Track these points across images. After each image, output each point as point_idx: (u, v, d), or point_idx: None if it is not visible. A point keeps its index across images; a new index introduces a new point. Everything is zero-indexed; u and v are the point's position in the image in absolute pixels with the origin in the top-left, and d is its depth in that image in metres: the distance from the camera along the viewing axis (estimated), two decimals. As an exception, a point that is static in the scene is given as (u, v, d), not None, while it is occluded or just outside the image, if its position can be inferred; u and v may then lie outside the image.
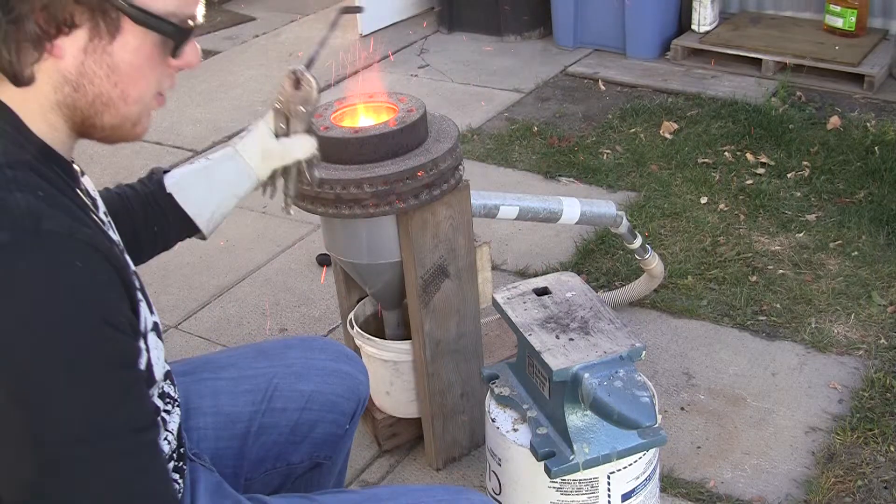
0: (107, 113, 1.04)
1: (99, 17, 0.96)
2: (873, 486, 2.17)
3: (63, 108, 1.01)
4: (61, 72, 0.99)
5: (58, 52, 0.97)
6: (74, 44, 0.97)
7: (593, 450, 1.60)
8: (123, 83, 1.02)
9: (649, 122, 4.00)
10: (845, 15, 4.34)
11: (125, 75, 1.01)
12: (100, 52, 0.99)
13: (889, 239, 3.08)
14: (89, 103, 1.02)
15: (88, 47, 0.98)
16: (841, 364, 2.57)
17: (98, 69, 1.00)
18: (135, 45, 1.00)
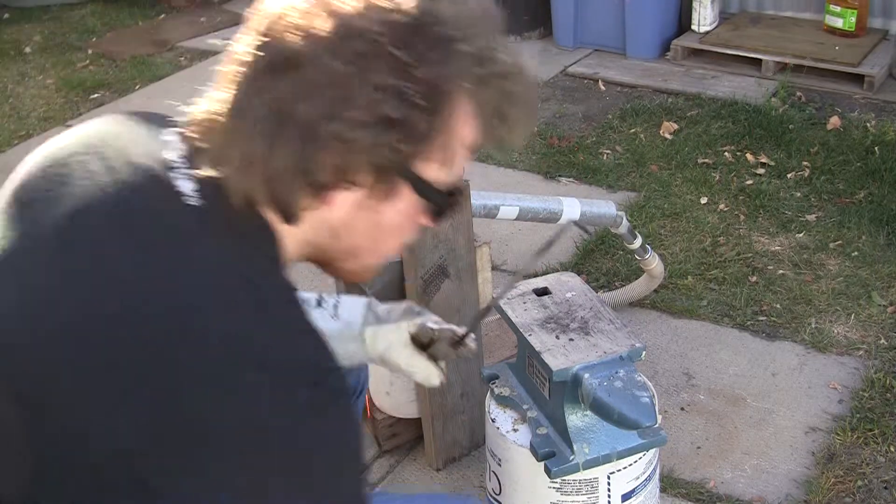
0: (352, 261, 1.04)
1: (381, 179, 0.94)
2: (873, 486, 2.17)
3: (313, 246, 1.01)
4: (327, 219, 0.97)
5: (332, 202, 0.95)
6: (349, 198, 0.95)
7: (593, 450, 1.60)
8: (381, 239, 1.02)
9: (649, 123, 4.00)
10: (845, 15, 4.34)
11: (385, 233, 1.01)
12: (370, 210, 0.97)
13: (889, 239, 3.08)
14: (341, 250, 1.02)
15: (361, 203, 0.96)
16: (841, 364, 2.57)
17: (362, 224, 0.98)
18: (403, 208, 0.98)
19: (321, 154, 0.90)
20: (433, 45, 0.90)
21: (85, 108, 4.61)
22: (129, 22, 5.81)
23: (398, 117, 0.89)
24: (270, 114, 0.90)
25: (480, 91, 0.94)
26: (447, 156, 0.95)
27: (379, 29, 0.88)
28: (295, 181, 0.92)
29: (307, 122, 0.89)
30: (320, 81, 0.89)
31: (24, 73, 5.02)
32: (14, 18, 5.90)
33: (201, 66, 5.11)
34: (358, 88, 0.88)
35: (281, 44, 0.90)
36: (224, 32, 5.58)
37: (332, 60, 0.88)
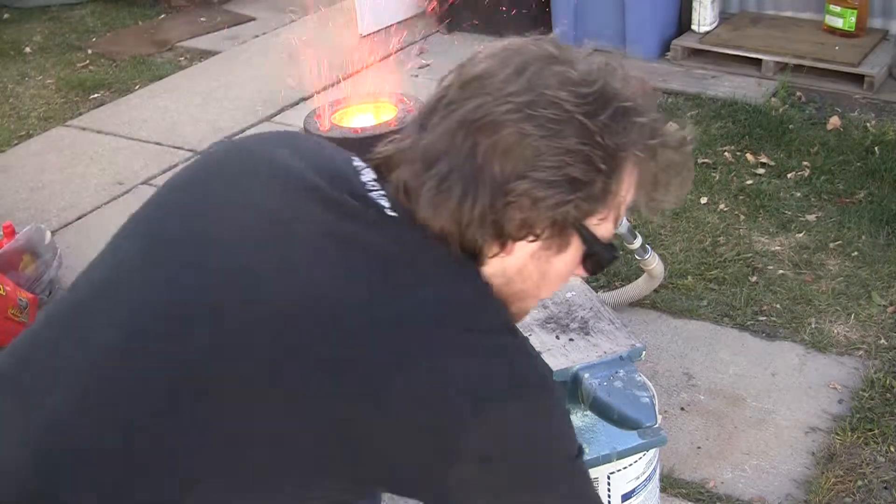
0: (515, 304, 1.10)
1: (558, 233, 1.03)
2: (873, 486, 2.17)
3: None
4: (503, 265, 1.05)
5: (511, 251, 1.04)
6: (526, 248, 1.04)
7: (593, 450, 1.60)
8: (546, 286, 1.10)
9: (649, 123, 4.00)
10: (845, 15, 4.34)
11: (550, 281, 1.10)
12: (543, 260, 1.06)
13: (889, 239, 3.08)
14: (509, 294, 1.08)
15: (536, 254, 1.05)
16: (841, 364, 2.57)
17: (534, 272, 1.07)
18: (570, 260, 1.08)
19: (511, 209, 0.99)
20: (615, 116, 1.00)
21: (85, 108, 4.61)
22: (129, 22, 5.81)
23: (582, 178, 0.99)
24: (468, 168, 0.99)
25: (648, 161, 1.04)
26: (612, 214, 1.06)
27: (571, 100, 0.99)
28: (485, 230, 1.01)
29: (501, 179, 0.98)
30: (516, 143, 0.98)
31: (24, 73, 5.02)
32: (14, 18, 5.90)
33: (201, 66, 5.11)
34: (549, 151, 0.98)
35: (482, 107, 1.00)
36: (224, 32, 5.58)
37: (527, 125, 0.98)
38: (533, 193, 0.98)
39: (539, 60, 1.02)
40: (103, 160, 4.05)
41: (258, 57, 5.22)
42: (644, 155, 1.03)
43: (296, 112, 4.41)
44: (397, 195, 1.05)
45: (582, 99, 0.99)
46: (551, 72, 1.00)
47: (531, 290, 1.09)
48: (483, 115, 0.99)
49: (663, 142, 1.05)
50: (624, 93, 1.03)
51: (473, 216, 1.00)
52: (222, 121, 4.38)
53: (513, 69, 1.01)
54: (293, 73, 4.87)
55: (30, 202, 3.74)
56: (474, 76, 1.04)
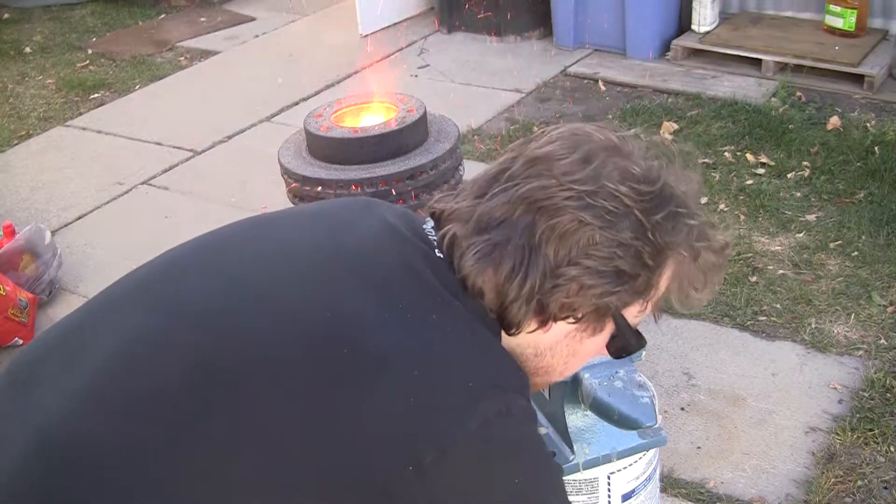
0: (540, 378, 1.15)
1: (596, 318, 1.06)
2: (873, 486, 2.17)
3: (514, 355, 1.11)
4: (538, 339, 1.08)
5: (549, 329, 1.07)
6: (563, 328, 1.07)
7: (593, 450, 1.60)
8: (573, 364, 1.14)
9: (649, 123, 4.00)
10: (845, 15, 4.34)
11: (578, 360, 1.13)
12: (576, 341, 1.09)
13: (889, 239, 3.08)
14: (536, 367, 1.12)
15: (571, 333, 1.08)
16: (841, 364, 2.57)
17: (565, 350, 1.11)
18: (601, 342, 1.11)
19: (557, 291, 1.02)
20: (668, 215, 1.05)
21: (85, 107, 4.61)
22: (129, 22, 5.81)
23: (629, 271, 1.03)
24: (523, 244, 1.02)
25: (690, 263, 1.08)
26: (647, 306, 1.10)
27: (631, 195, 1.02)
28: (529, 307, 1.03)
29: (554, 262, 1.01)
30: (573, 230, 1.01)
31: (24, 73, 5.02)
32: (14, 18, 5.90)
33: (201, 66, 5.11)
34: (603, 242, 1.01)
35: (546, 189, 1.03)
36: (224, 32, 5.58)
37: (586, 214, 1.01)
38: (582, 280, 1.02)
39: (604, 151, 1.05)
40: (103, 160, 4.05)
41: (258, 57, 5.22)
42: (688, 255, 1.08)
43: (296, 112, 4.41)
44: (442, 243, 1.08)
45: (641, 196, 1.03)
46: (615, 164, 1.04)
47: (558, 365, 1.13)
48: (546, 197, 1.02)
49: (708, 245, 1.09)
50: (679, 194, 1.07)
51: (522, 292, 1.02)
52: (222, 121, 4.38)
53: (579, 157, 1.04)
54: (293, 73, 4.87)
55: (30, 202, 3.74)
56: (540, 156, 1.06)
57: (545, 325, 1.06)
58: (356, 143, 1.88)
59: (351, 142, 1.88)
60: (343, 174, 1.85)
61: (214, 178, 3.81)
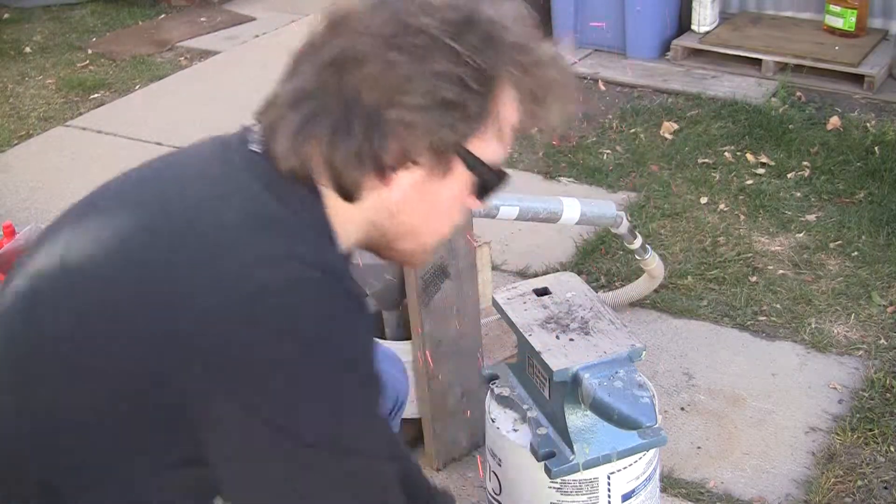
0: (408, 241, 1.11)
1: (438, 159, 1.03)
2: (873, 486, 2.17)
3: (370, 227, 1.08)
4: (385, 199, 1.05)
5: (392, 183, 1.03)
6: (407, 178, 1.04)
7: (593, 450, 1.60)
8: (436, 218, 1.10)
9: (649, 123, 4.00)
10: (845, 15, 4.34)
11: (439, 212, 1.09)
12: (426, 189, 1.05)
13: (889, 239, 3.08)
14: (397, 231, 1.09)
15: (418, 182, 1.04)
16: (841, 364, 2.57)
17: (419, 203, 1.07)
18: (456, 188, 1.07)
19: (386, 139, 0.99)
20: (483, 37, 1.00)
21: (85, 107, 4.61)
22: (129, 22, 5.81)
23: (455, 99, 0.99)
24: (337, 105, 0.99)
25: (523, 77, 1.03)
26: (495, 136, 1.05)
27: (435, 24, 0.99)
28: (361, 164, 1.01)
29: (373, 110, 0.98)
30: (383, 73, 0.98)
31: (24, 73, 5.02)
32: (14, 18, 5.90)
33: (201, 65, 5.11)
34: (418, 76, 0.98)
35: (346, 42, 1.00)
36: (224, 32, 5.58)
37: (393, 54, 0.98)
38: (406, 119, 0.99)
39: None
40: (103, 160, 4.05)
41: (258, 57, 5.22)
42: (518, 72, 1.03)
43: (296, 112, 4.40)
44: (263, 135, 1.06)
45: (447, 24, 1.00)
46: (413, 1, 1.01)
47: (421, 224, 1.09)
48: (351, 53, 0.99)
49: (536, 59, 1.05)
50: (492, 15, 1.03)
51: (349, 151, 0.99)
52: (222, 121, 4.35)
53: (375, 3, 1.02)
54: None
55: (30, 202, 3.74)
56: (338, 18, 1.04)
57: (385, 179, 1.03)
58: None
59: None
60: (343, 174, 1.85)
61: (214, 178, 3.80)
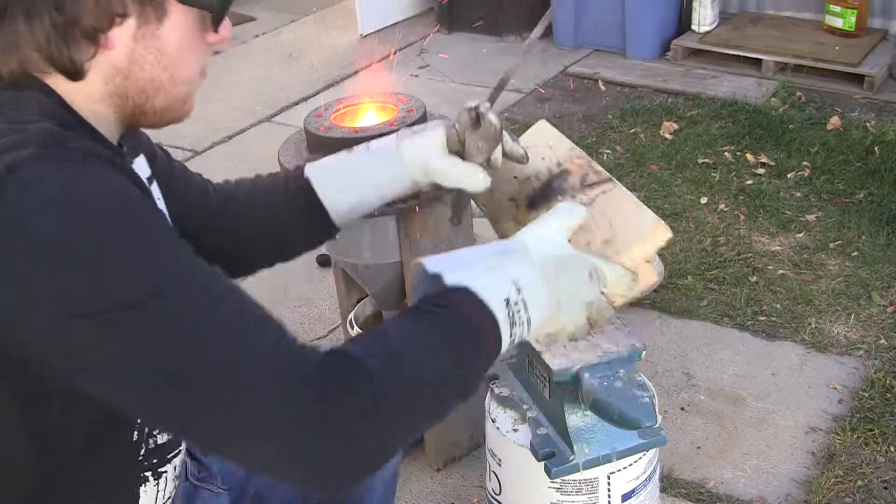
0: (158, 97, 1.05)
1: (146, 3, 0.98)
2: (873, 486, 2.17)
3: (114, 97, 1.03)
4: (112, 62, 1.00)
5: (110, 44, 0.98)
6: (124, 33, 0.98)
7: (593, 450, 1.60)
8: (172, 65, 1.03)
9: (649, 123, 4.00)
10: (845, 15, 4.34)
11: (174, 57, 1.03)
12: (149, 38, 1.00)
13: (889, 239, 3.08)
14: (140, 90, 1.03)
15: (137, 34, 0.99)
16: (841, 364, 2.57)
17: (148, 55, 1.01)
18: (180, 26, 1.02)
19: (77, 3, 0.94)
20: None
21: (85, 108, 4.60)
22: (129, 22, 5.81)
23: None
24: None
25: None
26: None
27: None
28: (68, 37, 0.95)
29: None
30: None
31: (24, 73, 5.02)
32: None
33: (201, 66, 5.11)
34: None
35: None
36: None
37: None
38: None
39: None
40: (103, 160, 4.04)
41: (258, 57, 5.22)
42: None
43: (295, 112, 4.41)
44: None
45: None
46: None
47: (159, 74, 1.03)
48: None
49: None
50: None
51: (48, 29, 0.95)
52: (222, 121, 4.38)
53: None
54: (293, 73, 4.87)
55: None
56: None
57: (99, 44, 0.97)
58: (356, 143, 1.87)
59: (351, 141, 1.88)
60: (343, 174, 1.85)
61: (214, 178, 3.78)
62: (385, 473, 1.57)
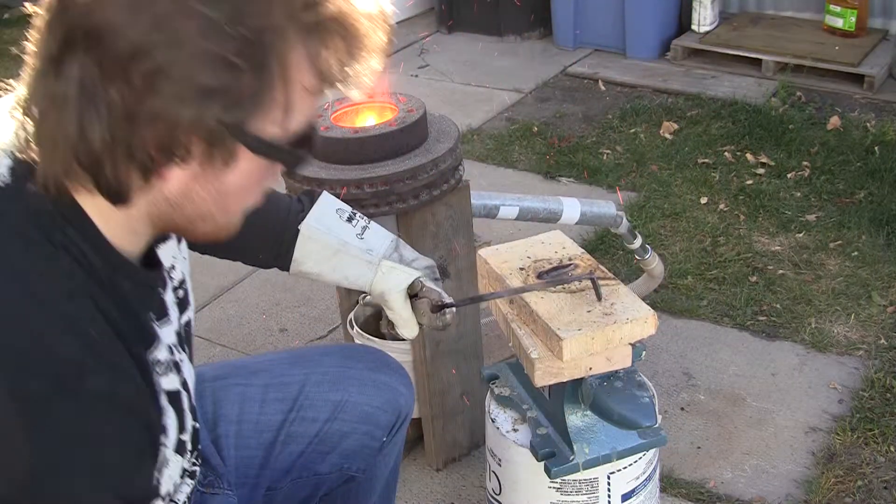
0: (204, 226, 0.97)
1: (215, 148, 0.87)
2: (873, 486, 2.17)
3: (155, 219, 0.95)
4: (163, 193, 0.91)
5: (164, 177, 0.89)
6: (185, 171, 0.89)
7: (593, 450, 1.60)
8: (228, 202, 0.96)
9: (649, 123, 4.00)
10: (845, 15, 4.34)
11: (231, 195, 0.95)
12: (210, 179, 0.91)
13: (889, 239, 3.08)
14: (187, 219, 0.95)
15: (197, 174, 0.90)
16: (841, 364, 2.57)
17: (205, 193, 0.92)
18: (246, 168, 0.92)
19: (140, 132, 0.84)
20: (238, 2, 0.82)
21: (85, 108, 4.60)
22: (129, 22, 5.81)
23: (218, 85, 0.83)
24: (77, 94, 0.84)
25: (311, 36, 0.86)
26: (286, 107, 0.88)
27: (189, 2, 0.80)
28: (116, 161, 0.86)
29: (119, 99, 0.83)
30: (125, 53, 0.81)
31: (24, 73, 5.02)
32: (14, 19, 5.90)
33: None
34: (168, 58, 0.81)
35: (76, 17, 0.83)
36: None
37: (133, 28, 0.81)
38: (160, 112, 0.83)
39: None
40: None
41: (258, 57, 5.21)
42: (303, 33, 0.86)
43: (296, 112, 4.41)
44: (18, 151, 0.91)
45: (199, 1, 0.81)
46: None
47: (211, 209, 0.94)
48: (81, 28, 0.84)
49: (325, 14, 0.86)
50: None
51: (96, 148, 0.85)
52: (222, 121, 4.38)
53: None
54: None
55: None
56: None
57: (154, 176, 0.88)
58: (356, 143, 1.88)
59: (351, 142, 1.88)
60: (343, 174, 1.85)
61: (214, 178, 3.80)
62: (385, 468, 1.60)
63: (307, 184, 1.87)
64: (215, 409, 1.46)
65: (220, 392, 1.48)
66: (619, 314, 1.51)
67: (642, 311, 1.52)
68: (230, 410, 1.47)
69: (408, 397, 1.57)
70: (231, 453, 1.45)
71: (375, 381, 1.53)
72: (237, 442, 1.46)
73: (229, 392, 1.48)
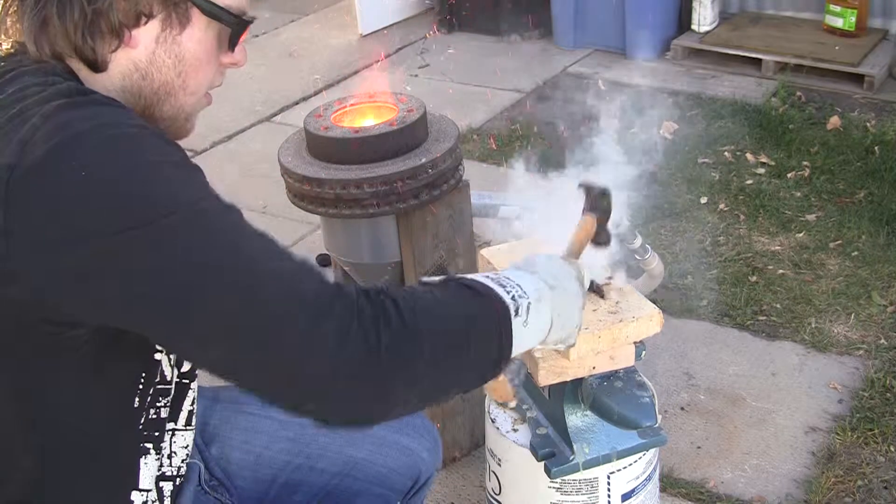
0: (167, 102, 1.10)
1: (172, 8, 1.04)
2: (873, 486, 2.17)
3: (128, 94, 1.07)
4: (132, 59, 1.06)
5: (133, 41, 1.04)
6: (148, 34, 1.05)
7: (593, 450, 1.60)
8: (186, 73, 1.09)
9: (649, 123, 4.00)
10: (845, 15, 4.34)
11: (189, 65, 1.09)
12: (170, 42, 1.06)
13: (889, 239, 3.08)
14: (154, 91, 1.08)
15: (160, 37, 1.05)
16: (841, 364, 2.57)
17: (167, 58, 1.07)
18: (200, 36, 1.08)
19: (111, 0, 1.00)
20: None
21: (85, 107, 4.60)
22: (129, 22, 5.81)
23: None
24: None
25: None
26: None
27: None
28: (94, 25, 1.01)
29: None
30: None
31: (24, 73, 5.02)
32: (14, 18, 5.90)
33: (201, 65, 5.11)
34: None
35: None
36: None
37: None
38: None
39: None
40: (103, 160, 4.04)
41: (258, 57, 5.21)
42: None
43: (295, 112, 4.41)
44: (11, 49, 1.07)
45: None
46: None
47: (173, 80, 1.08)
48: None
49: None
50: None
51: (77, 21, 1.01)
52: (222, 121, 4.38)
53: None
54: (293, 73, 4.87)
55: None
56: None
57: (124, 40, 1.03)
58: (356, 143, 1.88)
59: (351, 142, 1.88)
60: (343, 174, 1.85)
61: (214, 177, 3.76)
62: None
63: (307, 184, 1.87)
64: (217, 429, 1.43)
65: (232, 415, 1.44)
66: (625, 312, 1.51)
67: (648, 308, 1.52)
68: (235, 436, 1.43)
69: (429, 463, 1.53)
70: (227, 479, 1.42)
71: (397, 444, 1.48)
72: (237, 470, 1.42)
73: (241, 417, 1.44)
